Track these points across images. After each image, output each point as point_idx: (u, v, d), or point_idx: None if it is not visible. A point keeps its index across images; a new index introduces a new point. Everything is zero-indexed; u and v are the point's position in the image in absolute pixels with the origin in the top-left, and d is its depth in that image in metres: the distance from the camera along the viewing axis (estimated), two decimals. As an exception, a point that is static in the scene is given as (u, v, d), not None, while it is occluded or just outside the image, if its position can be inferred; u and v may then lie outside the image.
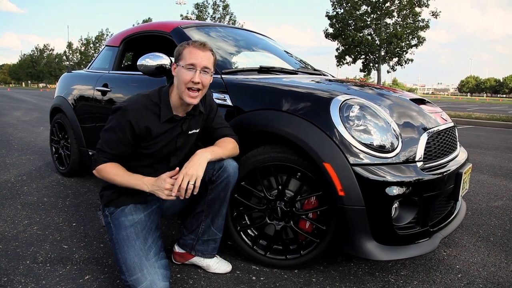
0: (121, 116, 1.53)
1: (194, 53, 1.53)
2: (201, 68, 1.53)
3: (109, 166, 1.57)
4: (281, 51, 3.11)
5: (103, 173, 1.58)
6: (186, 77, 1.52)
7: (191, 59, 1.52)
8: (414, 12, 21.37)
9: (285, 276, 1.78)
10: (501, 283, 1.76)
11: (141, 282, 1.47)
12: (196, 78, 1.52)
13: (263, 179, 1.80)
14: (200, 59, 1.53)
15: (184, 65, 1.52)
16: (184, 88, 1.53)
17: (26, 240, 2.08)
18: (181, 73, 1.53)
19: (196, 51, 1.53)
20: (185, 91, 1.53)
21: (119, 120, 1.54)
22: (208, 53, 1.56)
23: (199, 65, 1.52)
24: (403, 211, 1.66)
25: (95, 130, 3.00)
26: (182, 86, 1.53)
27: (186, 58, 1.53)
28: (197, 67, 1.52)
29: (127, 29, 3.12)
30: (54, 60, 66.24)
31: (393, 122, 1.70)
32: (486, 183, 3.61)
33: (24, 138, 5.72)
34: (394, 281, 1.76)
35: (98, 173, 1.59)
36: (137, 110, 1.54)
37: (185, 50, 1.54)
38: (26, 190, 3.03)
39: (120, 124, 1.53)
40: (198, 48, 1.54)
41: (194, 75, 1.52)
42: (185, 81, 1.52)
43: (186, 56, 1.53)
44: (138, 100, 1.58)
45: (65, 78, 3.66)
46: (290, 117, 1.69)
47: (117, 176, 1.56)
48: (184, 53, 1.54)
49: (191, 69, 1.52)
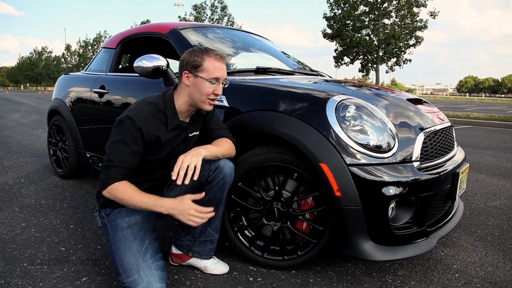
0: (130, 125, 1.47)
1: (218, 67, 1.54)
2: (223, 80, 1.56)
3: (123, 185, 1.47)
4: (278, 52, 3.12)
5: (117, 193, 1.46)
6: (209, 90, 1.54)
7: (215, 73, 1.53)
8: (412, 12, 21.42)
9: (282, 277, 1.77)
10: (498, 283, 1.76)
11: (138, 283, 1.47)
12: (219, 91, 1.55)
13: (260, 180, 1.80)
14: (223, 72, 1.56)
15: (208, 78, 1.52)
16: (205, 99, 1.55)
17: (24, 243, 2.08)
18: (204, 85, 1.53)
19: (219, 65, 1.55)
20: (206, 101, 1.56)
21: (129, 130, 1.47)
22: (225, 64, 1.59)
23: (222, 78, 1.56)
24: (400, 211, 1.66)
25: (92, 132, 3.00)
26: (202, 97, 1.55)
27: (210, 71, 1.52)
28: (221, 80, 1.55)
29: (124, 31, 3.12)
30: (53, 62, 66.20)
31: (389, 122, 1.70)
32: (484, 183, 3.62)
33: (22, 141, 5.72)
34: (392, 281, 1.76)
35: (110, 194, 1.47)
36: (146, 119, 1.50)
37: (207, 63, 1.52)
38: (24, 193, 3.03)
39: (132, 134, 1.47)
40: (220, 61, 1.55)
41: (218, 87, 1.55)
42: (207, 93, 1.54)
43: (209, 69, 1.52)
44: (144, 108, 1.54)
45: (62, 80, 3.66)
46: (287, 118, 1.69)
47: (133, 197, 1.46)
48: (206, 65, 1.52)
49: (215, 83, 1.54)
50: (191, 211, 1.46)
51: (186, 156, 1.47)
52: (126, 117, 1.48)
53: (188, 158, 1.46)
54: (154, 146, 1.57)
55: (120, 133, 1.49)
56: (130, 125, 1.47)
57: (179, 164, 1.44)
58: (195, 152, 1.51)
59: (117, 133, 1.50)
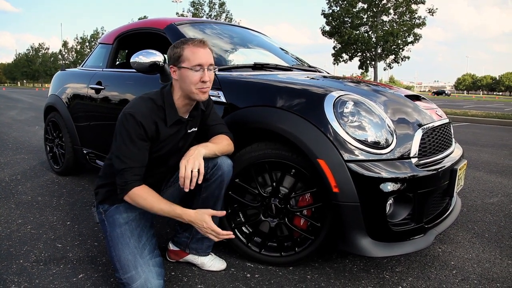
0: (133, 122, 1.45)
1: (198, 53, 1.49)
2: (207, 66, 1.51)
3: (143, 191, 1.47)
4: (276, 48, 3.10)
5: (138, 199, 1.46)
6: (195, 78, 1.49)
7: (196, 59, 1.48)
8: (410, 9, 21.41)
9: (279, 273, 1.77)
10: (495, 279, 1.76)
11: (136, 280, 1.46)
12: (206, 77, 1.50)
13: (257, 176, 1.80)
14: (205, 57, 1.50)
15: (191, 67, 1.48)
16: (195, 88, 1.50)
17: (20, 239, 2.07)
18: (188, 75, 1.49)
19: (199, 50, 1.49)
20: (196, 90, 1.51)
21: (133, 127, 1.45)
22: (208, 49, 1.53)
23: (206, 63, 1.50)
24: (397, 207, 1.66)
25: (89, 129, 2.98)
26: (191, 87, 1.50)
27: (191, 59, 1.48)
28: (204, 66, 1.50)
29: (120, 27, 3.10)
30: (50, 59, 65.92)
31: (387, 118, 1.70)
32: (481, 180, 3.62)
33: (19, 138, 5.69)
34: (389, 278, 1.76)
35: (131, 199, 1.47)
36: (146, 114, 1.48)
37: (186, 51, 1.48)
38: (21, 189, 3.01)
39: (136, 130, 1.45)
40: (200, 47, 1.50)
41: (204, 74, 1.49)
42: (194, 82, 1.49)
43: (189, 57, 1.48)
44: (143, 104, 1.51)
45: (59, 76, 3.63)
46: (284, 114, 1.68)
47: (153, 206, 1.47)
48: (186, 54, 1.48)
49: (199, 69, 1.49)
50: (208, 230, 1.50)
51: (188, 161, 1.46)
52: (127, 114, 1.46)
53: (191, 162, 1.45)
54: (155, 142, 1.55)
55: (124, 133, 1.46)
56: (132, 122, 1.45)
57: (183, 172, 1.44)
58: (196, 153, 1.50)
59: (121, 133, 1.47)
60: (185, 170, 1.44)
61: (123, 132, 1.46)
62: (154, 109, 1.52)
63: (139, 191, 1.46)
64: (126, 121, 1.45)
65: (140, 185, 1.48)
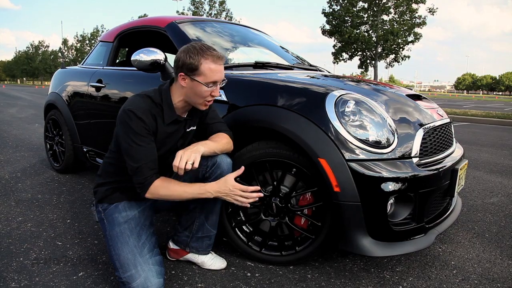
0: (134, 118, 1.44)
1: (216, 70, 1.47)
2: (220, 81, 1.52)
3: (162, 182, 1.48)
4: (277, 46, 3.10)
5: (159, 191, 1.47)
6: (207, 93, 1.49)
7: (213, 77, 1.47)
8: (411, 8, 21.39)
9: (280, 272, 1.77)
10: (495, 279, 1.76)
11: (135, 278, 1.46)
12: (216, 93, 1.51)
13: (258, 175, 1.79)
14: (220, 75, 1.50)
15: (206, 83, 1.47)
16: (203, 100, 1.52)
17: (20, 237, 2.06)
18: (201, 89, 1.48)
19: (217, 67, 1.48)
20: (203, 102, 1.53)
21: (135, 123, 1.44)
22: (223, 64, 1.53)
23: (220, 80, 1.51)
24: (398, 207, 1.66)
25: (89, 127, 2.98)
26: (199, 99, 1.51)
27: (207, 75, 1.46)
28: (218, 83, 1.51)
29: (121, 25, 3.09)
30: (50, 57, 65.82)
31: (389, 118, 1.69)
32: (481, 180, 3.62)
33: (19, 135, 5.68)
34: (390, 277, 1.76)
35: (153, 194, 1.47)
36: (144, 110, 1.47)
37: (204, 67, 1.45)
38: (20, 187, 3.01)
39: (139, 125, 1.45)
40: (217, 63, 1.48)
41: (215, 90, 1.50)
42: (204, 96, 1.50)
43: (206, 73, 1.46)
44: (140, 101, 1.50)
45: (59, 74, 3.62)
46: (285, 113, 1.68)
47: (176, 190, 1.48)
48: (202, 69, 1.45)
49: (212, 86, 1.49)
50: (237, 191, 1.49)
51: (184, 152, 1.46)
52: (128, 111, 1.45)
53: (187, 154, 1.45)
54: (154, 140, 1.55)
55: (129, 131, 1.45)
56: (134, 118, 1.44)
57: (177, 161, 1.43)
58: (194, 149, 1.49)
59: (126, 132, 1.45)
60: (180, 160, 1.43)
61: (128, 130, 1.45)
62: (152, 107, 1.52)
63: (158, 183, 1.47)
64: (128, 118, 1.44)
65: (158, 178, 1.49)
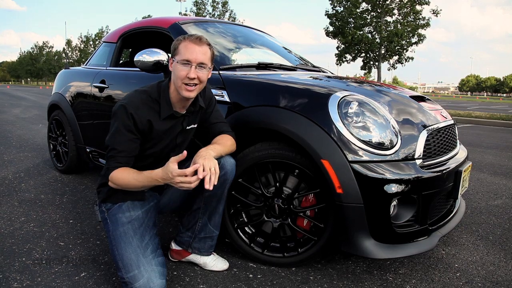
0: (122, 113, 1.49)
1: (190, 48, 1.49)
2: (196, 64, 1.49)
3: (120, 171, 1.48)
4: (280, 47, 3.09)
5: (117, 181, 1.48)
6: (182, 73, 1.49)
7: (186, 55, 1.49)
8: (415, 10, 21.34)
9: (282, 274, 1.76)
10: (499, 282, 1.74)
11: (138, 279, 1.46)
12: (191, 74, 1.48)
13: (260, 176, 1.79)
14: (195, 54, 1.49)
15: (179, 61, 1.49)
16: (181, 83, 1.50)
17: (23, 237, 2.07)
18: (177, 68, 1.50)
19: (192, 46, 1.49)
20: (182, 85, 1.51)
21: (122, 118, 1.49)
22: (205, 47, 1.52)
23: (195, 60, 1.49)
24: (401, 209, 1.65)
25: (92, 127, 2.99)
26: (178, 81, 1.51)
27: (182, 53, 1.49)
28: (193, 63, 1.49)
29: (124, 25, 3.10)
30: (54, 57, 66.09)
31: (392, 119, 1.68)
32: (485, 182, 3.60)
33: (23, 135, 5.71)
34: (392, 280, 1.75)
35: (113, 183, 1.50)
36: (137, 106, 1.51)
37: (181, 45, 1.50)
38: (24, 187, 3.02)
39: (124, 122, 1.49)
40: (194, 43, 1.50)
41: (190, 70, 1.48)
42: (181, 77, 1.49)
43: (181, 51, 1.50)
44: (136, 96, 1.54)
45: (62, 74, 3.64)
46: (288, 114, 1.67)
47: (130, 181, 1.47)
48: (180, 48, 1.50)
49: (187, 65, 1.49)
50: (176, 178, 1.36)
51: (205, 158, 1.41)
52: (119, 106, 1.51)
53: (208, 160, 1.40)
54: (149, 136, 1.56)
55: (115, 123, 1.51)
56: (123, 113, 1.49)
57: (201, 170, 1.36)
58: (208, 156, 1.44)
59: (113, 123, 1.52)
60: (205, 167, 1.37)
61: (115, 123, 1.51)
62: (148, 101, 1.54)
63: (116, 173, 1.48)
64: (119, 112, 1.50)
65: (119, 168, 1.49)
